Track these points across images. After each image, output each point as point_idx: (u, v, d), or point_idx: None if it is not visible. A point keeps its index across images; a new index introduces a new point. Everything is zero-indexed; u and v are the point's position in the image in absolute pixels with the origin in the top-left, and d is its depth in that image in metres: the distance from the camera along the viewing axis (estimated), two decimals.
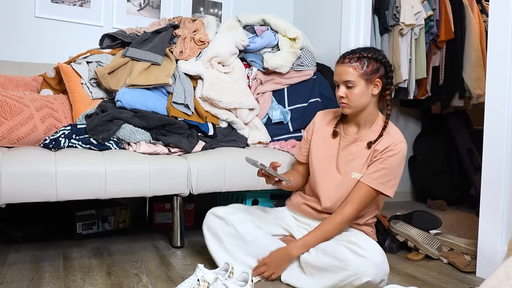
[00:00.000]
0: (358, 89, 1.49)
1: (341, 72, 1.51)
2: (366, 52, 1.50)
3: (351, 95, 1.50)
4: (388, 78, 1.54)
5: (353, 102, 1.51)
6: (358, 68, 1.48)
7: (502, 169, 1.59)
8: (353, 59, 1.49)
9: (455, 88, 3.01)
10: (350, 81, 1.48)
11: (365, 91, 1.50)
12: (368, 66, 1.48)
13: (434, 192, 3.24)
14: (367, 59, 1.49)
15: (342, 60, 1.52)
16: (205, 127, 2.02)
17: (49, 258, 1.67)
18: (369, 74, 1.49)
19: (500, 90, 1.61)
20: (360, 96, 1.50)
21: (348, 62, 1.49)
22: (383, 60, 1.52)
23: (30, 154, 1.59)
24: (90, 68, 2.02)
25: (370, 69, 1.49)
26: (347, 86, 1.50)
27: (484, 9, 3.13)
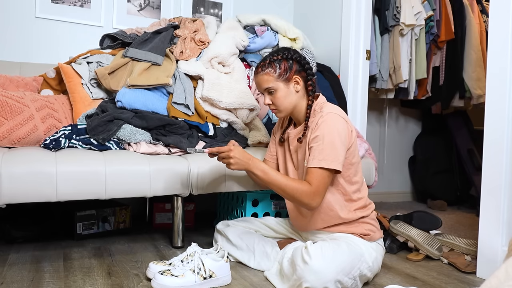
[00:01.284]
0: (280, 92, 1.52)
1: (259, 82, 1.55)
2: (275, 55, 1.53)
3: (276, 99, 1.53)
4: (307, 70, 1.55)
5: (280, 105, 1.54)
6: (272, 73, 1.52)
7: (502, 169, 1.59)
8: (265, 66, 1.53)
9: (455, 88, 3.01)
10: (270, 88, 1.53)
11: (287, 91, 1.53)
12: (280, 67, 1.52)
13: (434, 192, 3.24)
14: (277, 61, 1.52)
15: (256, 70, 1.56)
16: (205, 128, 2.02)
17: (49, 259, 1.67)
18: (284, 74, 1.52)
19: (501, 90, 1.61)
20: (284, 98, 1.53)
21: (262, 71, 1.53)
22: (294, 56, 1.54)
23: (30, 155, 1.59)
24: (90, 69, 2.02)
25: (283, 69, 1.52)
26: (269, 92, 1.54)
27: (485, 9, 3.13)
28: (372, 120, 3.29)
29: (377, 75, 2.73)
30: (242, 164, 1.47)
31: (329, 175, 1.44)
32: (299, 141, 1.56)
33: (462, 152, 3.25)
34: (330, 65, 2.54)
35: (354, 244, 1.47)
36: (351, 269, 1.39)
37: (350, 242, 1.47)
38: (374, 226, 1.58)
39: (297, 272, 1.35)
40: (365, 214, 1.56)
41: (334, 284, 1.33)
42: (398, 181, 3.47)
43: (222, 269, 1.46)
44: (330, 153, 1.42)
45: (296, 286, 1.36)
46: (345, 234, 1.54)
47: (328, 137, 1.43)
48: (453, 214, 2.93)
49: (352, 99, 2.46)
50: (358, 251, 1.45)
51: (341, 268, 1.35)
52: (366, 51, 2.48)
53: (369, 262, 1.45)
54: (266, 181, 1.48)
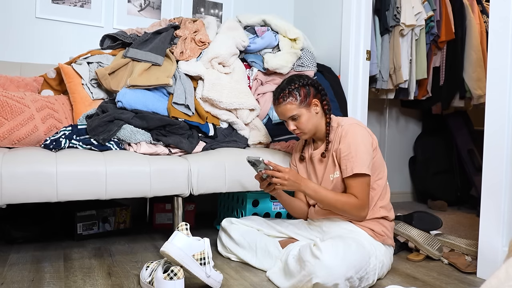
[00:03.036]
0: (304, 117, 1.64)
1: (282, 112, 1.65)
2: (292, 84, 1.64)
3: (300, 124, 1.65)
4: (321, 92, 1.68)
5: (305, 129, 1.66)
6: (294, 102, 1.62)
7: (502, 170, 1.59)
8: (286, 96, 1.63)
9: (456, 89, 3.01)
10: (294, 115, 1.63)
11: (310, 115, 1.65)
12: (300, 94, 1.63)
13: (434, 193, 3.24)
14: (296, 90, 1.63)
15: (277, 101, 1.66)
16: (205, 128, 2.02)
17: (49, 259, 1.67)
18: (305, 101, 1.63)
19: (501, 91, 1.61)
20: (308, 122, 1.64)
21: (284, 101, 1.63)
22: (309, 81, 1.66)
23: (30, 155, 1.59)
24: (90, 69, 2.02)
25: (303, 96, 1.63)
26: (293, 119, 1.65)
27: (485, 10, 3.13)
28: (372, 121, 3.29)
29: (377, 76, 2.73)
30: (295, 186, 1.55)
31: (366, 180, 1.56)
32: (322, 156, 1.67)
33: (463, 153, 3.25)
34: (330, 65, 2.54)
35: (363, 245, 1.49)
36: (360, 268, 1.40)
37: (360, 242, 1.49)
38: (390, 232, 1.65)
39: (306, 268, 1.34)
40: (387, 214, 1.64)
41: (344, 281, 1.34)
42: (398, 181, 3.47)
43: None
44: (360, 159, 1.54)
45: (304, 282, 1.35)
46: (358, 230, 1.58)
47: (353, 146, 1.56)
48: (454, 214, 2.93)
49: (352, 99, 2.46)
50: (367, 251, 1.47)
51: (352, 266, 1.37)
52: (366, 51, 2.48)
53: (376, 264, 1.48)
54: (317, 199, 1.58)
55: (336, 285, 1.32)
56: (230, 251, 1.74)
